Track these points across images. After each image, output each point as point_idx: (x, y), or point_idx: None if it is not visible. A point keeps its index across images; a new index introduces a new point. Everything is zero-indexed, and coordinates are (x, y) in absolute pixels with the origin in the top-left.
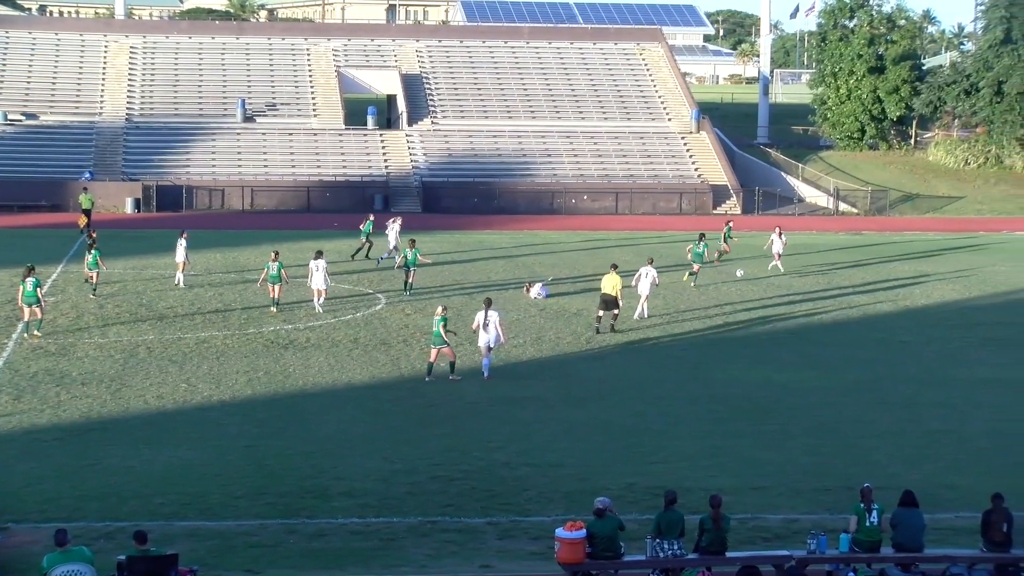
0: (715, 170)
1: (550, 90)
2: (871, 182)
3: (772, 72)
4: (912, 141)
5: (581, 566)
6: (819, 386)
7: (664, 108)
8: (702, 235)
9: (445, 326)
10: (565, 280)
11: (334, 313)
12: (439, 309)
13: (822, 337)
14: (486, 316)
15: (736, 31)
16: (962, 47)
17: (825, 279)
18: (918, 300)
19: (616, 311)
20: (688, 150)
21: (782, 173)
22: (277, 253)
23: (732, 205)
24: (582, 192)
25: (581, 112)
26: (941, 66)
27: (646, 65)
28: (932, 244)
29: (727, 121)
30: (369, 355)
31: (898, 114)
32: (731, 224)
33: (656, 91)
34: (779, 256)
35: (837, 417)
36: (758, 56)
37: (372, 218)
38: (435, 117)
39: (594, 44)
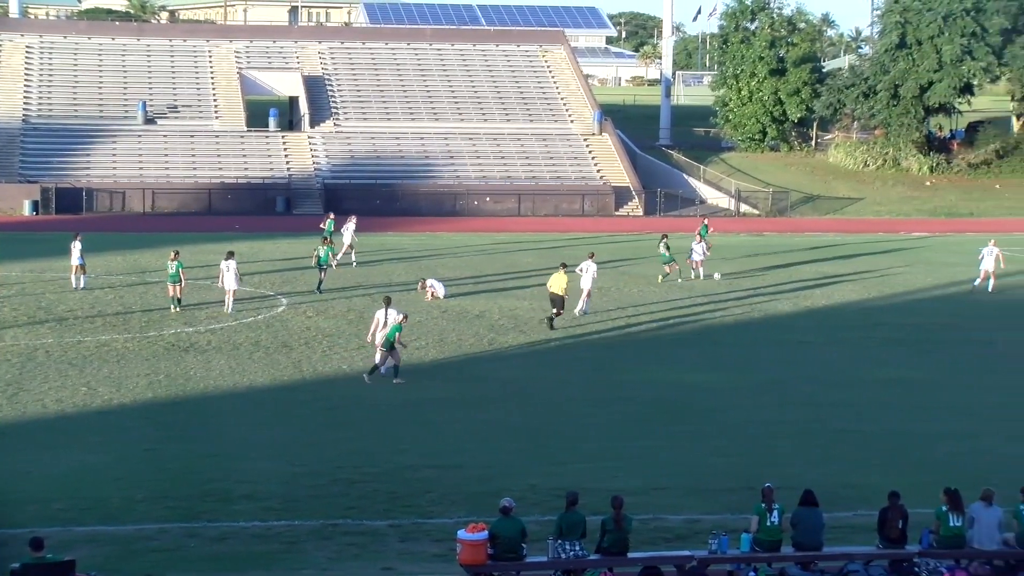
0: (617, 172)
1: (453, 92)
2: (772, 183)
3: (674, 74)
4: (813, 143)
5: (483, 568)
6: (723, 387)
7: (566, 110)
8: (664, 236)
9: (398, 333)
10: (467, 281)
11: (235, 316)
12: (400, 317)
13: (725, 338)
14: (385, 315)
15: (638, 33)
16: (860, 50)
17: (727, 280)
18: (819, 301)
19: (559, 311)
20: (590, 152)
21: (684, 175)
22: (177, 252)
23: (634, 207)
24: (484, 194)
25: (484, 114)
26: (840, 69)
27: (548, 67)
28: (832, 245)
29: (629, 123)
30: (271, 358)
31: (799, 116)
32: (707, 223)
33: (559, 93)
34: (698, 263)
35: (740, 418)
36: (660, 58)
37: (332, 217)
38: (337, 119)
39: (497, 46)
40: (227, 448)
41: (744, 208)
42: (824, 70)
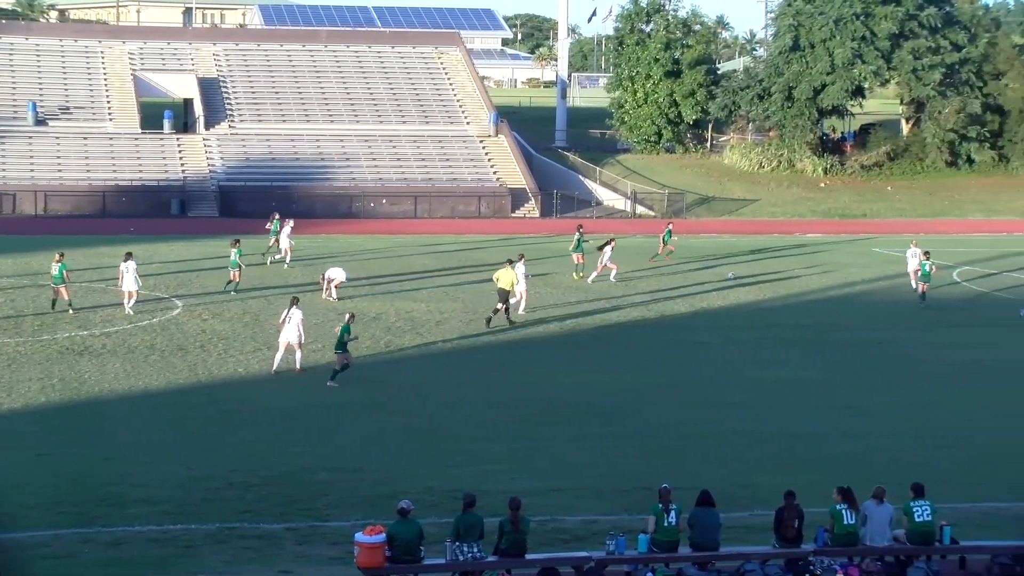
0: (513, 173)
1: (348, 94)
2: (668, 185)
3: (570, 76)
4: (708, 144)
5: (381, 570)
6: (620, 388)
7: (462, 111)
8: (580, 227)
9: (348, 334)
10: (363, 283)
11: (130, 319)
12: (346, 316)
13: (622, 339)
14: (288, 313)
15: (534, 35)
16: (755, 53)
17: (622, 281)
18: (715, 302)
19: (503, 305)
20: (487, 153)
21: (580, 176)
22: (62, 254)
23: (531, 208)
24: (380, 196)
25: (379, 116)
26: (735, 71)
27: (444, 69)
28: (728, 246)
29: (525, 125)
30: (166, 361)
31: (694, 118)
32: (671, 226)
33: (454, 95)
34: (604, 266)
35: (638, 418)
36: (556, 60)
37: (278, 217)
38: (232, 121)
39: (392, 48)
40: (122, 452)
41: (640, 210)
42: (719, 72)
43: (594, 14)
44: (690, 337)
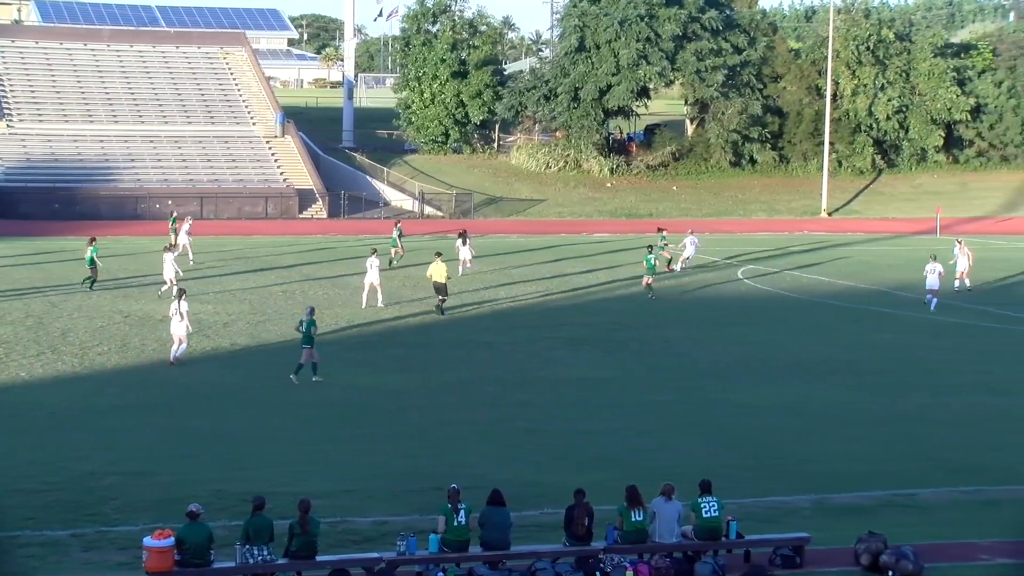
0: (301, 174)
1: (132, 94)
2: (456, 185)
3: (357, 76)
4: (495, 145)
5: (170, 574)
6: (408, 388)
7: (248, 112)
8: (397, 222)
9: (314, 328)
10: (150, 286)
11: None
12: (307, 310)
13: (410, 340)
14: (179, 306)
15: (321, 35)
16: (541, 54)
17: (410, 281)
18: (503, 302)
19: (445, 297)
20: (273, 154)
21: (368, 177)
22: None
23: (318, 209)
24: (166, 197)
25: (164, 116)
26: (522, 71)
27: (230, 69)
28: (514, 246)
29: (313, 125)
30: None
31: (481, 118)
32: (663, 231)
33: (240, 95)
34: (467, 262)
35: (427, 419)
36: (342, 60)
37: (175, 215)
38: (11, 121)
39: (177, 48)
40: None
41: (428, 210)
42: (506, 73)
43: (380, 14)
44: (478, 337)
